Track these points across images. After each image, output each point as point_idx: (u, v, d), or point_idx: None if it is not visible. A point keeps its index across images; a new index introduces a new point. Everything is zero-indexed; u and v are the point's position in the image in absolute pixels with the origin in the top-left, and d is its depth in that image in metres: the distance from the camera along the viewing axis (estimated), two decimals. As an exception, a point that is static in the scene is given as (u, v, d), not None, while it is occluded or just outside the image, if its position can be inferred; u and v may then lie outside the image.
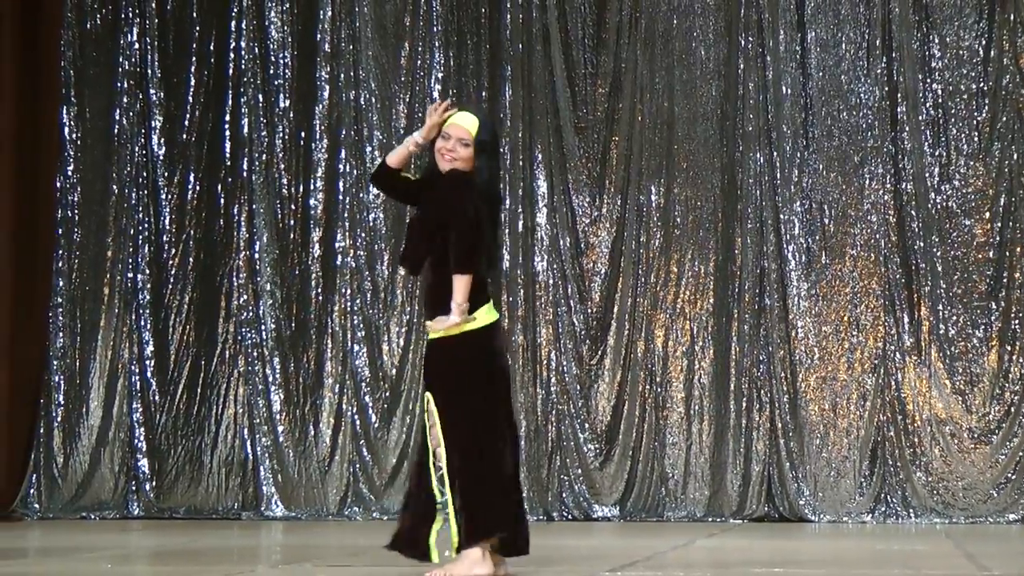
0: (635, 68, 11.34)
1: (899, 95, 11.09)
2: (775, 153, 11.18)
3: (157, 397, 11.41)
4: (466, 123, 6.62)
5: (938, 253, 11.03)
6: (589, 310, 11.31)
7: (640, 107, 11.32)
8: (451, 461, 6.51)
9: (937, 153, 11.09)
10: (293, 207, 11.49)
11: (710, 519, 11.03)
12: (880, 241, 11.11)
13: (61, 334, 11.42)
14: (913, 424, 10.95)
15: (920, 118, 11.07)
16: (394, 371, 11.35)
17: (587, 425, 11.23)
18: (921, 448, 10.92)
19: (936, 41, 11.11)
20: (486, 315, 6.56)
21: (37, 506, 11.26)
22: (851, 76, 11.15)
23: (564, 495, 11.17)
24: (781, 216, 11.15)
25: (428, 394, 6.59)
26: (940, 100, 11.09)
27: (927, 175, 11.07)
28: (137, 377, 11.42)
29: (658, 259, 11.27)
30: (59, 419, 11.37)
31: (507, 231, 11.32)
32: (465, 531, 6.55)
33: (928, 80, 11.09)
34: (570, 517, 11.13)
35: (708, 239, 11.23)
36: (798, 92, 11.17)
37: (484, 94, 11.40)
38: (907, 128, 11.08)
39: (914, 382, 10.98)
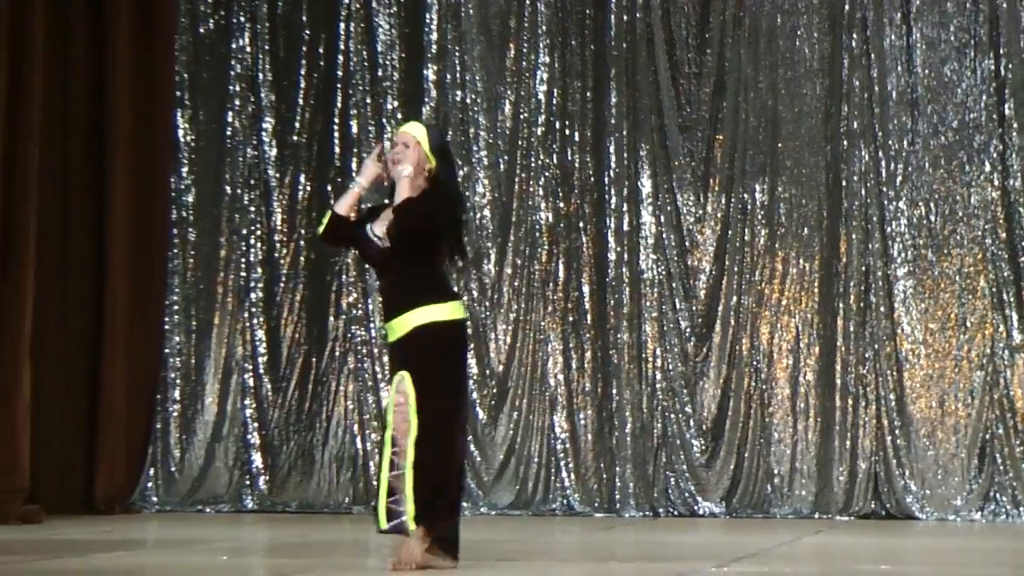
0: (739, 67, 11.35)
1: (1006, 91, 11.00)
2: (880, 151, 11.14)
3: (269, 393, 11.57)
4: (411, 129, 7.11)
5: (1047, 250, 10.94)
6: (694, 308, 11.34)
7: (744, 106, 11.32)
8: (420, 439, 6.81)
9: (1045, 149, 10.99)
10: (401, 207, 11.59)
11: (817, 516, 11.00)
12: (987, 238, 11.03)
13: (177, 332, 11.60)
14: (1022, 422, 10.86)
15: (1027, 114, 10.98)
16: (501, 368, 11.44)
17: (692, 422, 11.25)
18: (1030, 446, 10.84)
19: (1044, 36, 11.01)
20: (462, 310, 7.00)
21: (155, 499, 11.45)
22: (957, 73, 11.08)
23: (670, 491, 11.20)
24: (886, 214, 11.11)
25: (405, 372, 6.86)
26: (1048, 96, 10.99)
27: (1035, 172, 10.98)
28: (250, 374, 11.59)
29: (763, 257, 11.27)
30: (175, 415, 11.55)
31: (611, 230, 11.37)
32: (423, 509, 6.85)
33: (1036, 76, 10.99)
34: (676, 513, 11.15)
35: (813, 237, 11.20)
36: (903, 90, 11.12)
37: (589, 94, 11.45)
38: (1015, 125, 10.99)
39: (1023, 379, 10.89)
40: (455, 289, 7.24)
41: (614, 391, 11.27)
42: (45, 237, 10.63)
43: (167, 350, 11.55)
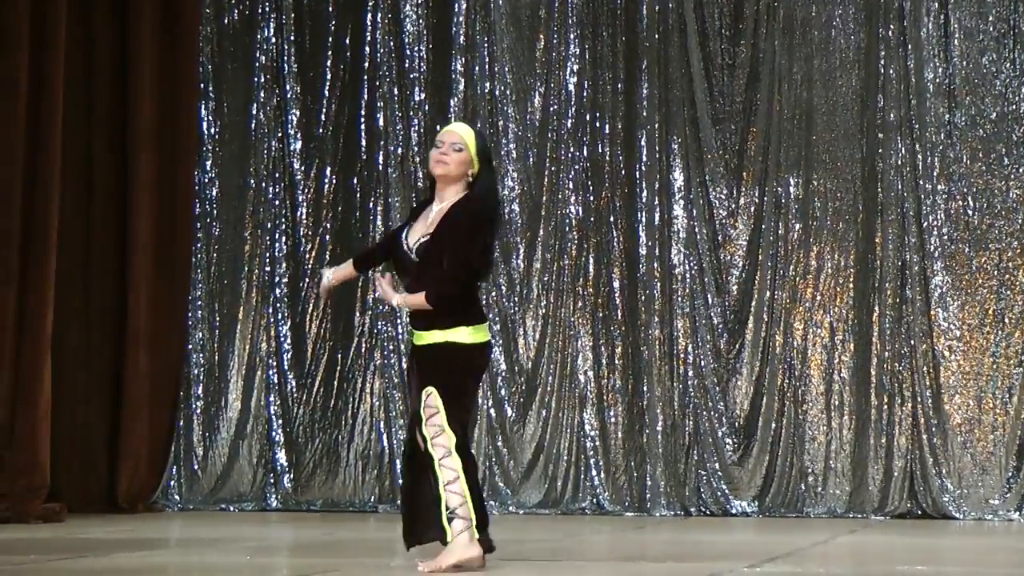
0: (773, 58, 11.23)
1: (1046, 82, 10.89)
2: (916, 143, 11.01)
3: (294, 390, 11.51)
4: (460, 130, 6.95)
5: (1086, 244, 10.81)
6: (727, 303, 11.23)
7: (778, 97, 11.21)
8: (460, 447, 6.77)
9: (1086, 142, 10.86)
10: (428, 200, 11.51)
11: (851, 515, 10.89)
12: (1026, 232, 10.92)
13: (200, 328, 11.55)
14: (1060, 420, 10.76)
15: (1068, 106, 10.85)
16: (530, 365, 11.36)
17: (725, 419, 11.14)
18: (1069, 445, 10.73)
19: (1084, 26, 10.87)
20: (486, 333, 6.89)
21: (178, 497, 11.41)
22: (996, 63, 10.95)
23: (701, 490, 11.09)
24: (923, 208, 10.99)
25: (432, 388, 6.78)
26: (1088, 87, 10.86)
27: (1075, 164, 10.86)
28: (274, 370, 11.53)
29: (796, 251, 11.16)
30: (199, 412, 11.51)
31: (643, 224, 11.27)
32: (479, 512, 6.79)
33: (1076, 67, 10.86)
34: (707, 512, 11.05)
35: (848, 231, 11.09)
36: (940, 81, 10.99)
37: (620, 86, 11.36)
38: (1055, 116, 10.88)
39: (1061, 377, 10.79)
40: (483, 309, 7.09)
41: (645, 388, 11.18)
42: (67, 233, 10.60)
43: (190, 346, 11.51)
